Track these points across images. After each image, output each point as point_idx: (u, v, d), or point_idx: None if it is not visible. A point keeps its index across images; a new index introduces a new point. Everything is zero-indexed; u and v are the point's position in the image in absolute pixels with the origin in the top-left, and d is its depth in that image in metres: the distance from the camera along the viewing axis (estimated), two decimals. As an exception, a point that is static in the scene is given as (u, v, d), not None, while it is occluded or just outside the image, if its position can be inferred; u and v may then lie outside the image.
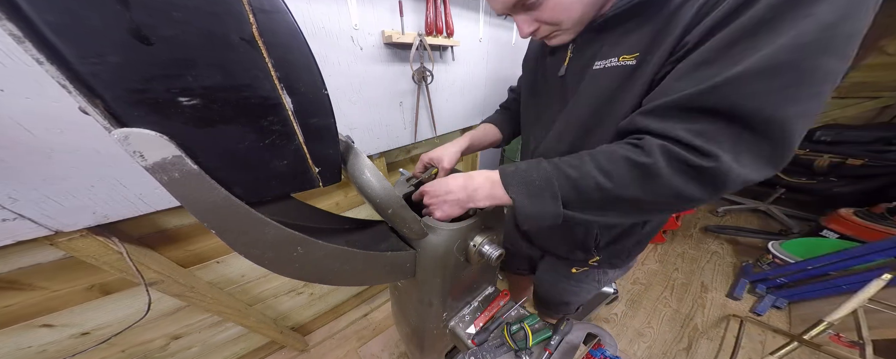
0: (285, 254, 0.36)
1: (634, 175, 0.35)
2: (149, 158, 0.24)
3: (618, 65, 0.43)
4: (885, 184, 1.83)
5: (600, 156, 0.38)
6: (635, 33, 0.41)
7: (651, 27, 0.39)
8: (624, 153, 0.36)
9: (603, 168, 0.37)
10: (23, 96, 0.47)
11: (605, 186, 0.37)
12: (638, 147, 0.36)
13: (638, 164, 0.35)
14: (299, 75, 0.31)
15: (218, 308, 0.96)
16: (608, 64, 0.44)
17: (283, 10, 0.27)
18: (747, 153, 0.32)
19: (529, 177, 0.42)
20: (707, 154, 0.31)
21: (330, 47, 0.79)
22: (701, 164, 0.32)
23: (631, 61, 0.41)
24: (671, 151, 0.33)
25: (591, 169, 0.38)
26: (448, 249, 0.53)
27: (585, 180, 0.38)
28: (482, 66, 1.27)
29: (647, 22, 0.40)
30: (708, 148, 0.31)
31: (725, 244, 2.16)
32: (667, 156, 0.33)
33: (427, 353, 0.82)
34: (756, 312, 1.57)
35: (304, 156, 0.36)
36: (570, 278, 0.79)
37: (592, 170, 0.38)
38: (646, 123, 0.36)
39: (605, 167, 0.37)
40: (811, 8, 0.27)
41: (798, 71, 0.28)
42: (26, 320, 0.71)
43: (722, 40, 0.32)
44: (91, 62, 0.20)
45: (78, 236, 0.61)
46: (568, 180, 0.39)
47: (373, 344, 1.46)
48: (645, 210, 0.39)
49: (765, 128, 0.30)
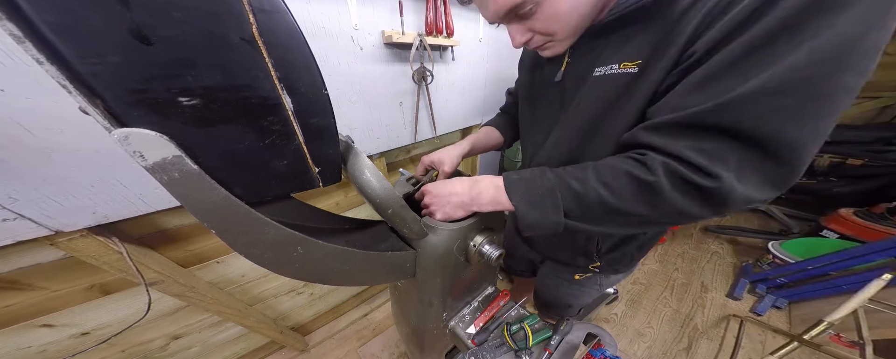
0: (285, 254, 0.36)
1: (637, 192, 0.35)
2: (149, 158, 0.24)
3: (619, 72, 0.42)
4: (885, 184, 1.83)
5: (604, 170, 0.38)
6: (637, 39, 0.40)
7: (653, 34, 0.38)
8: (627, 169, 0.36)
9: (606, 182, 0.37)
10: (23, 96, 0.47)
11: (608, 201, 0.37)
12: (641, 163, 0.36)
13: (641, 181, 0.35)
14: (299, 75, 0.31)
15: (218, 308, 0.96)
16: (609, 71, 0.43)
17: (283, 10, 0.27)
18: (753, 174, 0.31)
19: (533, 186, 0.42)
20: (711, 174, 0.31)
21: (330, 47, 0.79)
22: (704, 183, 0.31)
23: (632, 68, 0.40)
24: (675, 169, 0.33)
25: (595, 183, 0.38)
26: (448, 249, 0.53)
27: (588, 194, 0.38)
28: (482, 66, 1.27)
29: (648, 28, 0.38)
30: (712, 168, 0.31)
31: (725, 244, 2.16)
32: (670, 174, 0.33)
33: (427, 353, 0.82)
34: (756, 312, 1.57)
35: (304, 156, 0.36)
36: (573, 283, 0.79)
37: (596, 183, 0.38)
38: (650, 139, 0.36)
39: (608, 182, 0.37)
40: (831, 18, 0.25)
41: (812, 90, 0.26)
42: (26, 320, 0.71)
43: (731, 53, 0.30)
44: (91, 62, 0.20)
45: (78, 236, 0.61)
46: (571, 192, 0.39)
47: (373, 344, 1.46)
48: (645, 224, 0.40)
49: (774, 149, 0.29)
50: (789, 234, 2.10)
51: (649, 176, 0.34)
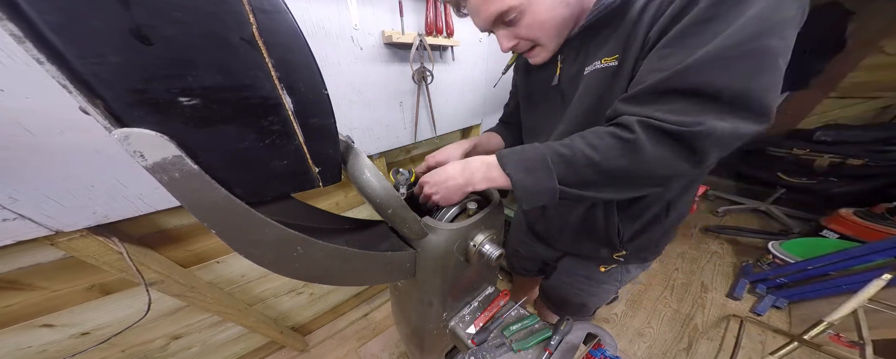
0: (285, 254, 0.36)
1: (620, 148, 0.39)
2: (149, 158, 0.24)
3: (602, 67, 0.48)
4: (885, 184, 1.83)
5: (589, 134, 0.42)
6: (612, 38, 0.46)
7: (623, 32, 0.44)
8: (610, 130, 0.40)
9: (591, 144, 0.41)
10: (23, 96, 0.47)
11: (594, 159, 0.40)
12: (621, 124, 0.40)
13: (622, 138, 0.38)
14: (299, 75, 0.31)
15: (218, 308, 0.96)
16: (594, 67, 0.49)
17: (283, 10, 0.27)
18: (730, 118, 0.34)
19: (524, 155, 0.45)
20: (687, 124, 0.35)
21: (330, 47, 0.79)
22: (678, 129, 0.35)
23: (612, 62, 0.46)
24: (650, 123, 0.37)
25: (581, 145, 0.41)
26: (448, 249, 0.53)
27: (575, 155, 0.41)
28: (482, 66, 1.27)
29: (617, 28, 0.45)
30: (686, 119, 0.35)
31: (725, 244, 2.16)
32: (646, 128, 0.37)
33: (427, 353, 0.82)
34: (756, 312, 1.57)
35: (304, 156, 0.36)
36: (592, 279, 0.79)
37: (582, 146, 0.41)
38: (625, 108, 0.40)
39: (592, 142, 0.41)
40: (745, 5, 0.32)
41: (746, 51, 0.32)
42: (26, 320, 0.71)
43: (678, 32, 0.36)
44: (91, 62, 0.20)
45: (78, 236, 0.61)
46: (560, 157, 0.43)
47: (373, 344, 1.46)
48: (637, 183, 0.42)
49: (733, 101, 0.34)
50: (789, 234, 2.10)
51: (629, 134, 0.38)
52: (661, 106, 0.37)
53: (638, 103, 0.39)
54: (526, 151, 0.46)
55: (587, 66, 0.50)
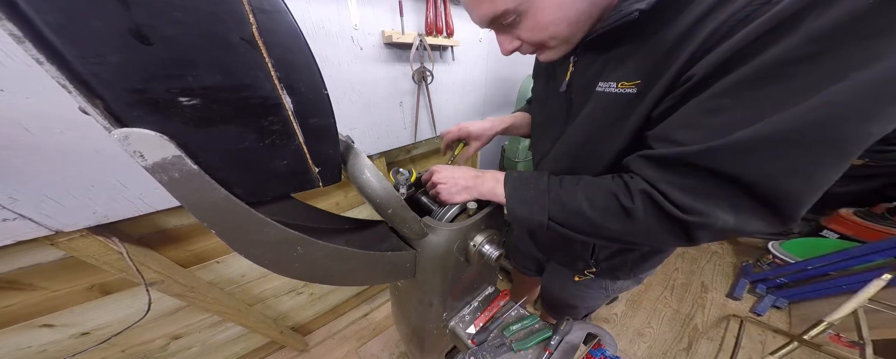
0: (285, 254, 0.36)
1: (616, 212, 0.38)
2: (149, 158, 0.24)
3: (617, 92, 0.40)
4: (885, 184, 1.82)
5: (593, 185, 0.42)
6: (636, 57, 0.37)
7: (652, 53, 0.35)
8: (612, 189, 0.39)
9: (590, 197, 0.41)
10: (23, 96, 0.47)
11: (588, 216, 0.40)
12: (626, 187, 0.38)
13: (621, 204, 0.37)
14: (299, 75, 0.31)
15: (218, 308, 0.96)
16: (609, 88, 0.42)
17: (283, 10, 0.27)
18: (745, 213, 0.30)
19: (527, 186, 0.47)
20: (691, 211, 0.31)
21: (330, 47, 0.79)
22: (679, 215, 0.32)
23: (631, 89, 0.38)
24: (653, 197, 0.34)
25: (581, 196, 0.42)
26: (448, 249, 0.53)
27: (572, 204, 0.42)
28: (482, 66, 1.27)
29: (643, 46, 0.36)
30: (694, 205, 0.31)
31: (725, 244, 2.16)
32: (646, 200, 0.35)
33: (427, 353, 0.82)
34: (756, 312, 1.57)
35: (304, 156, 0.36)
36: (576, 285, 0.79)
37: (581, 197, 0.42)
38: (645, 171, 0.36)
39: (592, 196, 0.41)
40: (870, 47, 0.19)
41: (826, 139, 0.22)
42: (26, 320, 0.71)
43: (737, 82, 0.26)
44: (91, 62, 0.20)
45: (78, 236, 0.61)
46: (558, 200, 0.44)
47: (373, 344, 1.46)
48: (624, 242, 0.42)
49: (773, 200, 0.27)
50: (789, 234, 2.10)
51: (628, 202, 0.36)
52: (675, 177, 0.32)
53: (657, 167, 0.34)
54: (530, 183, 0.47)
55: (600, 82, 0.43)
